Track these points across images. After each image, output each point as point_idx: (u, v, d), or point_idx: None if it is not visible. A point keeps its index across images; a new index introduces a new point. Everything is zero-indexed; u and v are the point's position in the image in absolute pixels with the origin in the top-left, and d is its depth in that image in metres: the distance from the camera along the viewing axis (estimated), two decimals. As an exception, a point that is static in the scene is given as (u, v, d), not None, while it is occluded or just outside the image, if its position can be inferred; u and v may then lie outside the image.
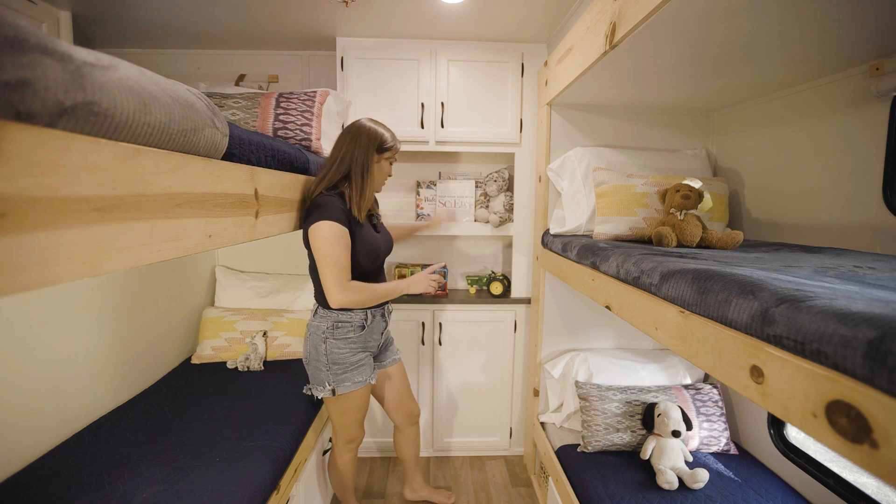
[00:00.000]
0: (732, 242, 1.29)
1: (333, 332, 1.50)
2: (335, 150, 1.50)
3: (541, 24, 1.99)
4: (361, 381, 1.54)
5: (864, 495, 1.25)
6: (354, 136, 1.48)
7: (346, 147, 1.47)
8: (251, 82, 2.37)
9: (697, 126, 1.94)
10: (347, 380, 1.51)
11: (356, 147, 1.47)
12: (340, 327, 1.51)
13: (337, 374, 1.51)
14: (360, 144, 1.47)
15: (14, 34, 0.41)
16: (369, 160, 1.47)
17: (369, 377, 1.57)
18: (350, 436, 1.64)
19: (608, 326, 2.08)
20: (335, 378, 1.50)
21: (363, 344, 1.56)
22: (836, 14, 0.95)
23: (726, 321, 0.70)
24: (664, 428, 1.54)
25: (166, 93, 0.68)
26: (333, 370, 1.50)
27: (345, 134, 1.51)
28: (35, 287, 0.46)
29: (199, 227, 0.78)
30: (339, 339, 1.51)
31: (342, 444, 1.66)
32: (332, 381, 1.50)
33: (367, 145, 1.47)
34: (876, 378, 0.45)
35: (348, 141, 1.48)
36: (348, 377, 1.51)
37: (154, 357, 1.99)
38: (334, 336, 1.50)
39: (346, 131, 1.51)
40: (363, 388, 1.56)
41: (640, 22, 0.98)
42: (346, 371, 1.51)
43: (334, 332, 1.50)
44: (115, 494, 1.19)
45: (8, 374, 1.32)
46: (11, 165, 0.42)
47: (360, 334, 1.54)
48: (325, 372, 1.51)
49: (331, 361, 1.50)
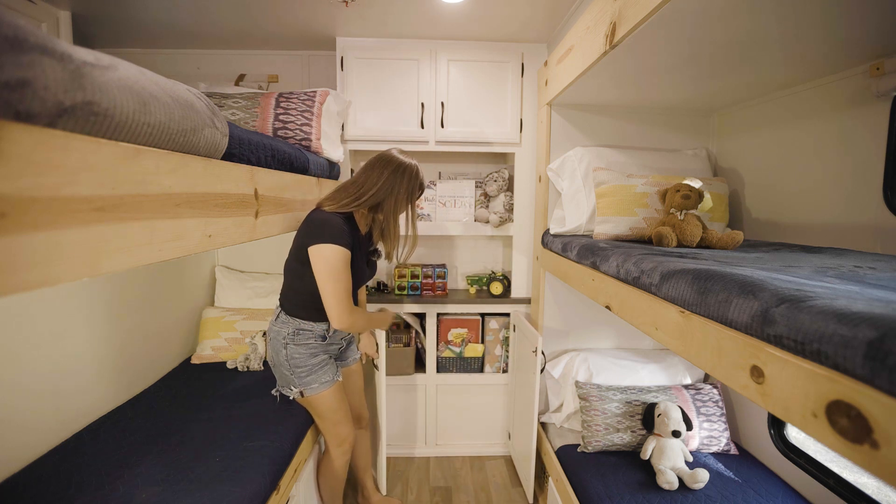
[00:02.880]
0: (732, 242, 1.29)
1: (294, 338, 1.49)
2: (372, 178, 1.43)
3: (541, 24, 1.99)
4: (328, 380, 1.54)
5: (864, 495, 1.25)
6: (399, 172, 1.44)
7: (385, 180, 1.42)
8: (251, 82, 2.37)
9: (697, 126, 1.93)
10: (314, 381, 1.51)
11: (399, 184, 1.43)
12: (301, 335, 1.50)
13: (301, 377, 1.50)
14: (403, 184, 1.44)
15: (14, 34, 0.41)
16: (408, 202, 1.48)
17: (335, 375, 1.57)
18: (340, 436, 1.62)
19: (608, 326, 2.08)
20: (300, 381, 1.50)
21: (324, 347, 1.56)
22: (836, 14, 0.94)
23: (726, 321, 0.70)
24: (664, 428, 1.54)
25: (166, 93, 0.68)
26: (297, 373, 1.50)
27: (385, 165, 1.44)
28: (35, 287, 0.46)
29: (199, 227, 0.78)
30: (299, 344, 1.50)
31: (335, 448, 1.63)
32: (298, 384, 1.50)
33: (410, 189, 1.46)
34: (876, 378, 0.45)
35: (388, 174, 1.43)
36: (314, 379, 1.51)
37: (154, 357, 1.99)
38: (294, 342, 1.49)
39: (387, 162, 1.45)
40: (332, 387, 1.55)
41: (640, 22, 0.98)
42: (309, 374, 1.51)
43: (294, 338, 1.49)
44: (115, 494, 1.19)
45: (8, 373, 1.32)
46: (11, 165, 0.42)
47: (319, 341, 1.53)
48: (290, 376, 1.51)
49: (293, 366, 1.50)
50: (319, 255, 1.34)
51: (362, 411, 1.85)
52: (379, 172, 1.44)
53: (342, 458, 1.65)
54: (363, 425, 1.86)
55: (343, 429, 1.61)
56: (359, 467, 1.91)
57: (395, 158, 1.46)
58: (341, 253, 1.35)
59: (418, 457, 2.39)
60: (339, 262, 1.35)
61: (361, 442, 1.86)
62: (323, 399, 1.53)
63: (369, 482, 1.95)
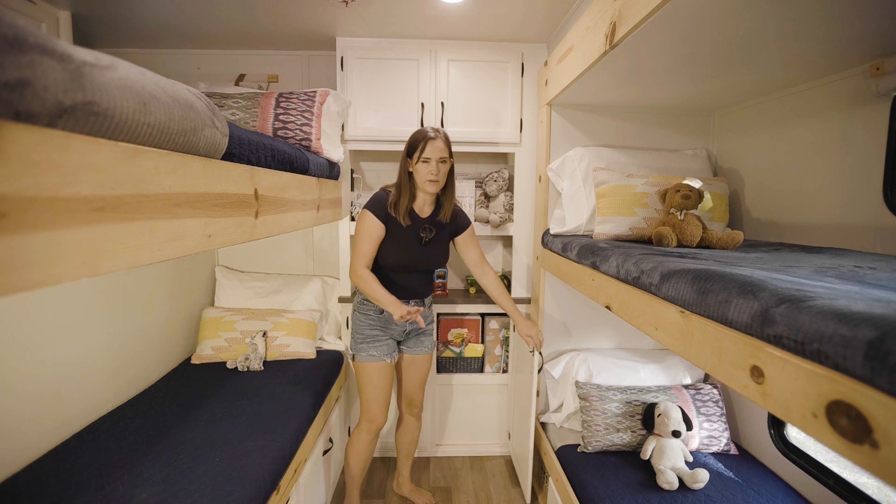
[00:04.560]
0: (732, 242, 1.29)
1: (360, 306, 1.74)
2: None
3: (541, 24, 1.99)
4: (375, 355, 1.71)
5: (864, 495, 1.25)
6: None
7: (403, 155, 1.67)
8: (251, 82, 2.36)
9: (697, 126, 1.93)
10: (364, 350, 1.71)
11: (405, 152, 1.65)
12: (365, 304, 1.74)
13: (357, 342, 1.73)
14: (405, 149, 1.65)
15: (14, 34, 0.41)
16: (405, 166, 1.64)
17: (385, 355, 1.72)
18: (370, 414, 1.76)
19: (608, 326, 2.08)
20: (356, 345, 1.73)
21: (382, 324, 1.73)
22: (836, 14, 0.94)
23: (726, 321, 0.70)
24: (664, 428, 1.54)
25: (166, 93, 0.68)
26: (356, 338, 1.74)
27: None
28: (35, 287, 0.46)
29: (198, 227, 0.78)
30: (362, 313, 1.73)
31: (364, 421, 1.78)
32: (353, 348, 1.74)
33: (404, 154, 1.65)
34: (876, 378, 0.45)
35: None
36: (364, 348, 1.71)
37: (154, 357, 1.99)
38: (359, 310, 1.74)
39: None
40: (377, 363, 1.71)
41: (640, 22, 0.98)
42: (363, 342, 1.72)
43: (360, 306, 1.74)
44: (115, 494, 1.19)
45: (8, 374, 1.32)
46: (11, 165, 0.42)
47: (380, 316, 1.72)
48: (352, 338, 1.75)
49: (354, 330, 1.75)
50: (357, 217, 1.69)
51: (415, 398, 1.92)
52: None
53: (366, 436, 1.78)
54: (414, 413, 1.95)
55: (374, 407, 1.75)
56: (400, 452, 2.02)
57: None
58: (370, 218, 1.62)
59: (418, 457, 2.39)
60: (365, 225, 1.63)
61: (410, 428, 1.97)
62: (365, 370, 1.72)
63: (406, 470, 2.04)
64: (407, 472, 2.04)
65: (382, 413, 1.77)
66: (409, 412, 1.94)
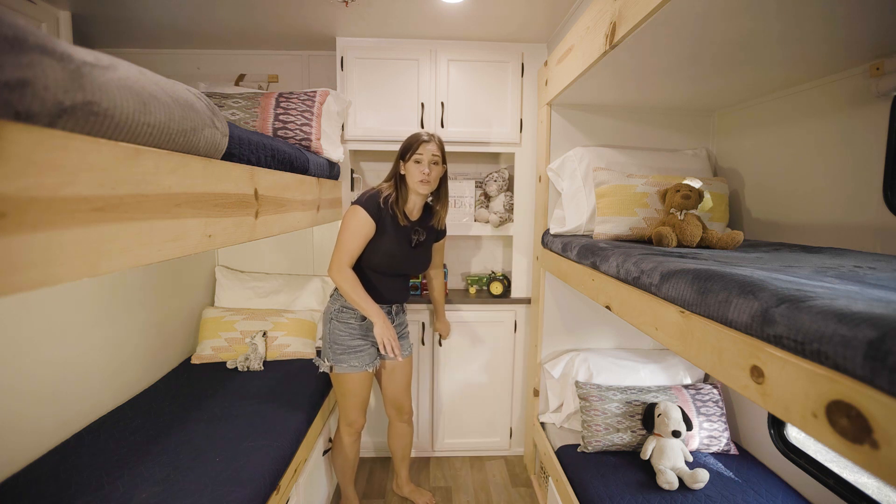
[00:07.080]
0: (732, 242, 1.29)
1: (338, 314, 1.65)
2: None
3: (541, 24, 1.99)
4: (357, 366, 1.65)
5: (864, 495, 1.25)
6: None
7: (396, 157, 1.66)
8: (251, 82, 2.36)
9: (697, 126, 1.93)
10: (344, 361, 1.65)
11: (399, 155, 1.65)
12: (345, 312, 1.65)
13: (336, 353, 1.65)
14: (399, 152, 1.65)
15: (13, 34, 0.41)
16: (397, 167, 1.64)
17: (367, 365, 1.67)
18: (348, 418, 1.73)
19: (608, 326, 2.08)
20: (334, 357, 1.66)
21: (363, 333, 1.68)
22: (836, 14, 0.94)
23: (726, 321, 0.70)
24: (664, 428, 1.54)
25: (166, 93, 0.68)
26: (334, 349, 1.65)
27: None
28: (35, 287, 0.46)
29: (198, 227, 0.78)
30: (342, 322, 1.65)
31: (343, 426, 1.77)
32: (331, 359, 1.67)
33: (397, 157, 1.65)
34: (876, 378, 0.45)
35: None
36: (345, 359, 1.65)
37: (154, 357, 1.99)
38: (338, 319, 1.65)
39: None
40: (359, 373, 1.66)
41: (640, 22, 0.98)
42: (343, 353, 1.65)
43: (339, 315, 1.65)
44: (115, 494, 1.19)
45: (8, 374, 1.32)
46: (11, 165, 0.42)
47: (362, 324, 1.66)
48: (328, 350, 1.67)
49: (332, 341, 1.66)
50: (347, 213, 1.59)
51: (403, 404, 1.88)
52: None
53: (347, 438, 1.78)
54: (404, 419, 1.92)
55: (353, 413, 1.73)
56: (396, 457, 2.01)
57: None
58: (361, 214, 1.56)
59: (418, 457, 2.39)
60: (355, 221, 1.56)
61: (401, 434, 1.95)
62: (347, 381, 1.67)
63: (404, 472, 2.04)
64: (405, 473, 2.03)
65: (361, 416, 1.75)
66: (399, 418, 1.90)
